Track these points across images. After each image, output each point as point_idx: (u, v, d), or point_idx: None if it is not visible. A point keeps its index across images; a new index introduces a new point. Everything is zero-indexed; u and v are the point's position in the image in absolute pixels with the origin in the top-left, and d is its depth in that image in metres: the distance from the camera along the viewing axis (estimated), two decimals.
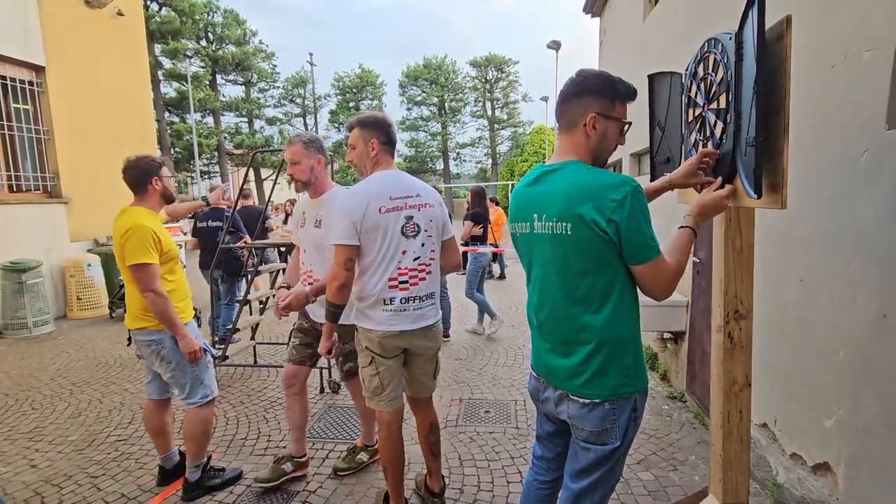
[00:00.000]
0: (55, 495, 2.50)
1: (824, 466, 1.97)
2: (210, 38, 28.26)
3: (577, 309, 1.39)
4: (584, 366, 1.40)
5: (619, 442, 1.41)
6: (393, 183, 2.05)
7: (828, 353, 1.95)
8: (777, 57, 1.29)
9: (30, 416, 3.43)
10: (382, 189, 2.02)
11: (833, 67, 1.91)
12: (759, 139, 1.27)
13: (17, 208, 5.99)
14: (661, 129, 1.99)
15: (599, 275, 1.34)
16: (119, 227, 2.32)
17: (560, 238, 1.35)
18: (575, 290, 1.38)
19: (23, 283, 5.56)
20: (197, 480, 2.46)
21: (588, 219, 1.28)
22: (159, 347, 2.39)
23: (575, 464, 1.49)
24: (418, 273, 2.05)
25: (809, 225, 2.07)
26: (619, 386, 1.39)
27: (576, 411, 1.43)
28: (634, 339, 1.41)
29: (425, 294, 2.07)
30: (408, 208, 2.03)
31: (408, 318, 2.05)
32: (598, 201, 1.27)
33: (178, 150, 25.57)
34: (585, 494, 1.48)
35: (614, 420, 1.40)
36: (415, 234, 2.04)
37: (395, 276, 2.01)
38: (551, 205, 1.36)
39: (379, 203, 1.98)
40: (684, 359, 3.51)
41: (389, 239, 2.00)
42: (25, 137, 6.29)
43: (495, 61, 35.61)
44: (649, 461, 2.72)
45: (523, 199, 1.49)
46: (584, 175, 1.34)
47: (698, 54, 1.62)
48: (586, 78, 1.40)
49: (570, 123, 1.41)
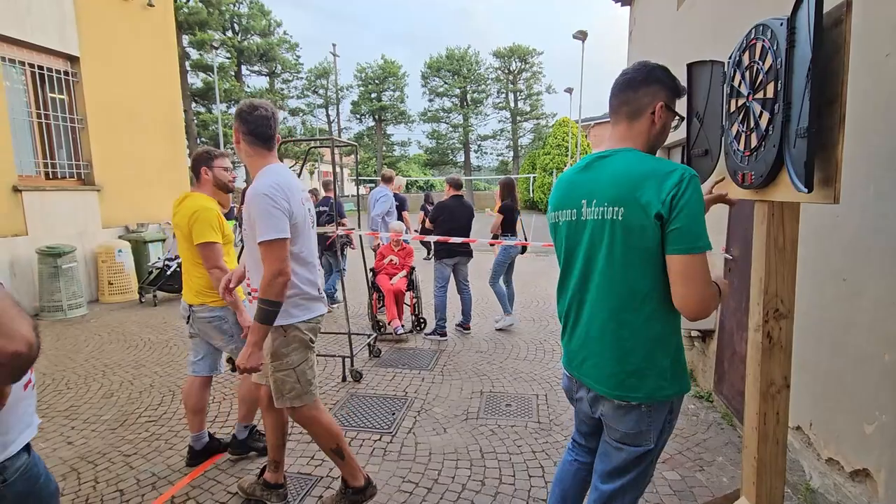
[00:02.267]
0: (90, 472, 2.59)
1: (863, 473, 1.89)
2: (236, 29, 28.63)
3: (618, 303, 1.34)
4: (620, 365, 1.35)
5: (652, 444, 1.38)
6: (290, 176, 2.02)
7: (871, 355, 1.87)
8: (834, 43, 1.22)
9: (65, 395, 3.56)
10: (291, 182, 1.99)
11: (887, 56, 1.81)
12: (812, 130, 1.21)
13: (52, 195, 6.19)
14: (699, 121, 1.91)
15: (645, 266, 1.29)
16: (185, 209, 2.46)
17: (610, 224, 1.30)
18: (618, 281, 1.32)
19: (58, 267, 5.76)
20: (244, 440, 2.70)
21: (643, 202, 1.23)
22: (222, 322, 2.54)
23: (606, 464, 1.47)
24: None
25: (855, 222, 1.98)
26: (657, 389, 1.34)
27: (610, 412, 1.40)
28: (675, 339, 1.36)
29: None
30: (305, 201, 2.09)
31: (322, 304, 2.19)
32: (656, 185, 1.22)
33: (204, 139, 26.09)
34: (615, 496, 1.45)
35: (650, 422, 1.36)
36: (312, 225, 2.14)
37: (315, 263, 2.13)
38: (603, 189, 1.32)
39: (297, 195, 1.98)
40: (712, 358, 3.43)
41: (308, 228, 2.08)
42: (61, 126, 6.48)
43: (519, 52, 35.15)
44: (675, 461, 2.67)
45: (571, 186, 1.45)
46: (643, 160, 1.30)
47: (744, 42, 1.55)
48: (654, 68, 1.38)
49: (636, 111, 1.38)
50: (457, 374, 3.96)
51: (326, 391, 3.61)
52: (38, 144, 6.25)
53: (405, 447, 2.83)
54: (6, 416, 1.02)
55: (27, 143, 6.15)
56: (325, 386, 3.70)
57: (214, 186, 2.64)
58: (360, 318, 5.60)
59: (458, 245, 4.80)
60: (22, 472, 1.06)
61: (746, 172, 1.57)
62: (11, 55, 5.83)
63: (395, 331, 4.80)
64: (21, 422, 1.07)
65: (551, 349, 4.56)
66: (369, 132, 37.13)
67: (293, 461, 2.68)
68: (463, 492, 2.42)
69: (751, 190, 1.59)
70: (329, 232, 5.20)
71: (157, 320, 5.63)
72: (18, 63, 5.95)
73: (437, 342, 4.77)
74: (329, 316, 5.81)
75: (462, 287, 5.06)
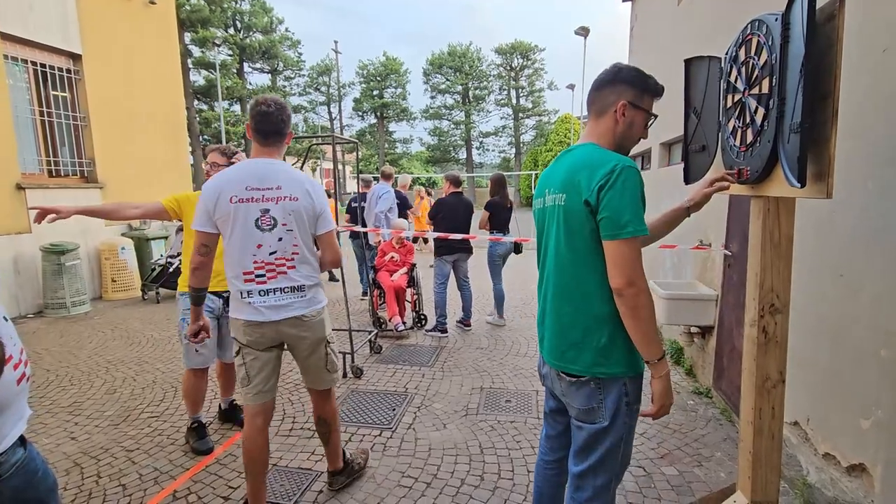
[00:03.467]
0: (93, 467, 2.62)
1: (859, 468, 1.90)
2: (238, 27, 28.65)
3: (562, 281, 1.47)
4: (561, 338, 1.49)
5: (606, 421, 1.44)
6: (255, 173, 1.95)
7: (868, 351, 1.87)
8: (827, 39, 1.22)
9: (69, 391, 3.59)
10: (241, 178, 1.94)
11: (885, 51, 1.81)
12: (805, 125, 1.21)
13: (55, 192, 6.22)
14: (696, 116, 1.92)
15: (582, 249, 1.40)
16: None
17: (558, 209, 1.45)
18: (562, 262, 1.46)
19: (62, 264, 5.80)
20: (226, 409, 3.13)
21: (578, 189, 1.36)
22: None
23: (574, 445, 1.55)
24: (276, 267, 1.97)
25: (853, 218, 1.98)
26: (594, 364, 1.42)
27: (566, 388, 1.51)
28: (613, 320, 1.40)
29: (290, 286, 2.00)
30: (264, 201, 1.93)
31: (270, 310, 1.98)
32: (590, 174, 1.34)
33: (206, 137, 26.14)
34: (586, 477, 1.50)
35: (600, 399, 1.44)
36: (270, 228, 1.94)
37: (251, 269, 1.95)
38: (557, 178, 1.48)
39: (231, 192, 1.91)
40: (711, 354, 3.43)
41: (241, 230, 1.92)
42: (63, 124, 6.51)
43: (521, 48, 35.04)
44: (673, 456, 2.68)
45: (544, 178, 1.61)
46: (593, 152, 1.41)
47: (740, 37, 1.55)
48: (622, 69, 1.47)
49: (601, 109, 1.48)
50: (457, 370, 3.97)
51: None
52: (40, 142, 6.28)
53: (405, 442, 2.85)
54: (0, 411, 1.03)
55: (30, 140, 6.18)
56: None
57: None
58: (362, 314, 5.62)
59: (458, 242, 4.81)
60: (19, 467, 1.07)
61: (742, 168, 1.58)
62: (14, 53, 5.86)
63: (395, 327, 4.82)
64: (14, 415, 1.08)
65: None
66: (371, 129, 37.12)
67: (293, 456, 2.70)
68: (462, 486, 2.43)
69: (747, 185, 1.59)
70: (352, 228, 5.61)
71: (159, 317, 5.67)
72: (21, 61, 5.97)
73: (437, 339, 4.79)
74: (330, 312, 5.82)
75: (462, 284, 5.08)
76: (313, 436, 2.92)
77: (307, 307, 2.05)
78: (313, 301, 2.08)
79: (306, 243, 2.02)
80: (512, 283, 6.70)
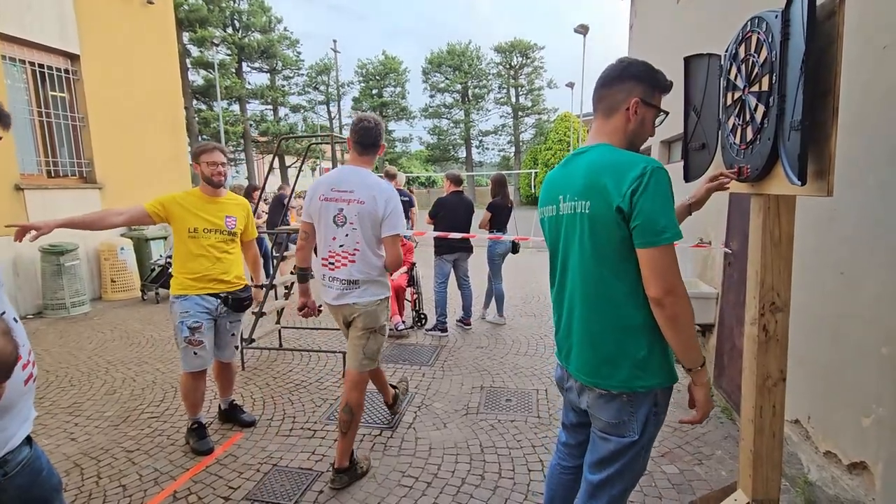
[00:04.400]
0: (93, 468, 2.62)
1: (860, 466, 1.90)
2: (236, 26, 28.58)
3: (590, 293, 1.38)
4: (593, 353, 1.39)
5: (636, 435, 1.38)
6: (340, 177, 2.37)
7: (868, 349, 1.87)
8: (827, 36, 1.21)
9: (69, 392, 3.59)
10: (331, 181, 2.38)
11: (885, 48, 1.80)
12: (805, 123, 1.20)
13: (54, 193, 6.21)
14: (696, 114, 1.91)
15: (613, 258, 1.31)
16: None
17: (580, 217, 1.35)
18: (588, 272, 1.36)
19: (61, 265, 5.79)
20: (226, 409, 3.11)
21: (605, 195, 1.27)
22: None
23: (593, 454, 1.48)
24: (342, 258, 2.35)
25: (853, 215, 1.98)
26: (632, 378, 1.35)
27: (593, 401, 1.43)
28: (649, 329, 1.33)
29: (347, 279, 2.35)
30: (341, 201, 2.33)
31: (330, 295, 2.42)
32: (618, 178, 1.25)
33: (205, 137, 26.10)
34: (604, 487, 1.46)
35: (631, 413, 1.37)
36: (342, 225, 2.33)
37: (327, 256, 2.38)
38: (575, 184, 1.37)
39: (322, 192, 2.36)
40: (712, 352, 3.43)
41: (324, 223, 2.36)
42: (62, 124, 6.50)
43: (520, 47, 34.98)
44: (674, 454, 2.68)
45: (552, 183, 1.51)
46: (611, 153, 1.33)
47: (740, 34, 1.54)
48: (631, 63, 1.40)
49: (611, 107, 1.40)
50: (457, 369, 3.97)
51: (327, 386, 3.63)
52: (39, 143, 6.27)
53: (405, 442, 2.85)
54: (6, 411, 1.03)
55: (29, 141, 6.17)
56: (325, 381, 3.73)
57: (203, 180, 2.77)
58: None
59: (458, 241, 4.80)
60: (24, 466, 1.08)
61: (743, 166, 1.57)
62: (12, 53, 5.84)
63: (395, 326, 4.81)
64: (20, 415, 1.08)
65: (551, 345, 4.57)
66: None
67: (294, 456, 2.70)
68: (462, 486, 2.43)
69: (747, 183, 1.59)
70: None
71: (159, 317, 5.66)
72: (19, 61, 5.96)
73: (437, 338, 4.78)
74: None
75: (462, 283, 5.07)
76: (314, 436, 2.92)
77: (359, 298, 2.38)
78: (366, 293, 2.38)
79: (369, 243, 2.34)
80: (513, 283, 6.71)
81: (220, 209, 2.78)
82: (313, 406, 3.31)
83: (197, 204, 2.73)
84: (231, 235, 2.80)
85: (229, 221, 2.80)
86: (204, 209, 2.73)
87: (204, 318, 2.69)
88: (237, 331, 2.96)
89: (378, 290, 2.41)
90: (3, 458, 1.03)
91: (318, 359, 4.22)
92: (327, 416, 3.15)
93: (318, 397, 3.45)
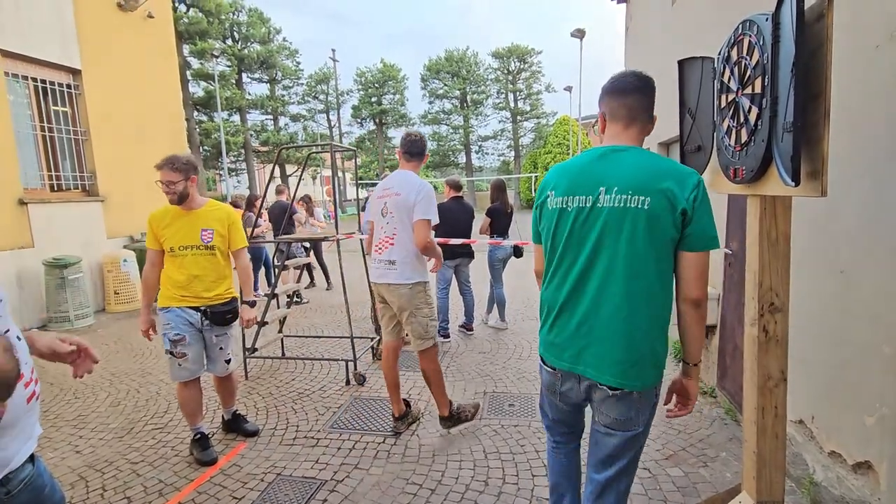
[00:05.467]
0: (98, 480, 2.62)
1: (865, 465, 1.89)
2: (236, 37, 28.80)
3: (637, 289, 1.37)
4: (627, 353, 1.38)
5: (641, 428, 1.46)
6: (390, 180, 2.87)
7: (870, 348, 1.86)
8: (817, 38, 1.23)
9: (73, 405, 3.60)
10: (383, 184, 2.91)
11: (878, 47, 1.81)
12: (798, 125, 1.21)
13: (57, 206, 6.25)
14: (691, 117, 1.92)
15: (664, 256, 1.38)
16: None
17: (635, 212, 1.35)
18: (638, 269, 1.36)
19: (64, 278, 5.82)
20: (230, 420, 3.11)
21: (669, 196, 1.33)
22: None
23: (598, 452, 1.51)
24: (385, 243, 2.83)
25: (851, 213, 1.98)
26: (652, 377, 1.43)
27: (603, 399, 1.45)
28: (667, 329, 1.45)
29: (387, 259, 2.81)
30: (385, 197, 2.83)
31: (374, 274, 2.89)
32: (680, 182, 1.34)
33: (206, 148, 26.25)
34: (611, 485, 1.49)
35: (639, 408, 1.45)
36: (385, 215, 2.83)
37: (378, 242, 2.87)
38: (624, 179, 1.37)
39: (377, 193, 2.93)
40: (715, 353, 3.42)
41: (377, 217, 2.89)
42: (64, 139, 6.56)
43: (518, 52, 35.12)
44: (678, 457, 2.67)
45: (585, 174, 1.46)
46: (660, 157, 1.47)
47: (732, 37, 1.56)
48: (650, 79, 1.52)
49: (636, 114, 1.49)
50: (460, 374, 3.97)
51: (330, 395, 3.63)
52: (42, 157, 6.32)
53: (409, 449, 2.85)
54: (8, 430, 1.03)
55: (32, 156, 6.22)
56: (328, 390, 3.73)
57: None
58: (364, 321, 5.62)
59: (459, 246, 4.81)
60: (26, 483, 1.08)
61: (738, 167, 1.58)
62: (15, 70, 5.90)
63: None
64: (23, 433, 1.08)
65: None
66: (370, 135, 37.20)
67: (298, 465, 2.70)
68: (466, 492, 2.43)
69: (743, 185, 1.60)
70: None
71: None
72: (22, 77, 6.02)
73: (440, 343, 4.78)
74: (331, 320, 5.84)
75: (464, 288, 5.08)
76: (317, 444, 2.92)
77: (396, 278, 2.79)
78: (402, 275, 2.78)
79: (405, 229, 2.76)
80: (514, 287, 6.71)
81: (195, 222, 2.68)
82: (316, 415, 3.31)
83: (170, 219, 2.66)
84: (209, 249, 2.69)
85: (205, 235, 2.68)
86: (177, 224, 2.66)
87: (186, 330, 2.66)
88: (225, 345, 2.84)
89: (411, 274, 2.78)
90: (5, 477, 1.03)
91: (320, 367, 4.22)
92: (331, 425, 3.15)
93: (322, 405, 3.45)
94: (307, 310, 6.40)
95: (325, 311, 6.33)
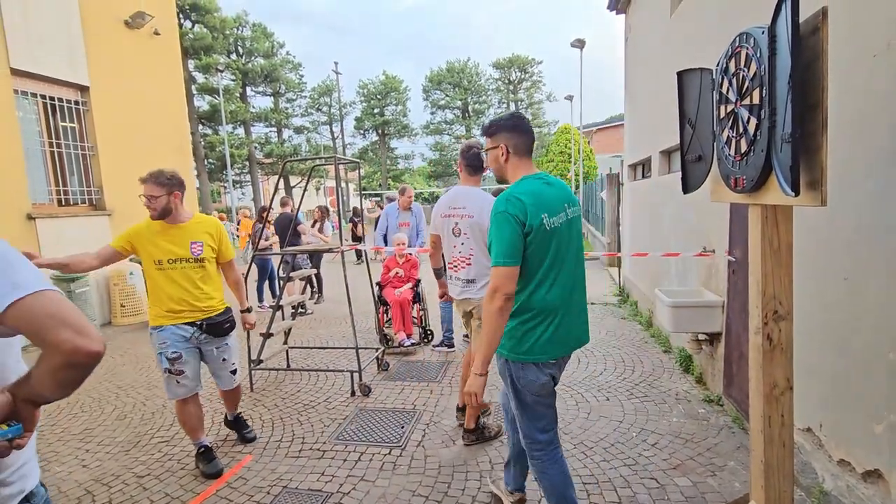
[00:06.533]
0: (105, 494, 2.63)
1: (875, 474, 1.87)
2: (240, 52, 29.20)
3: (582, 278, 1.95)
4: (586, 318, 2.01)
5: None
6: (455, 197, 2.90)
7: (876, 354, 1.86)
8: (813, 51, 1.25)
9: (80, 419, 3.61)
10: (448, 201, 2.92)
11: (875, 57, 1.84)
12: (796, 135, 1.23)
13: (65, 221, 6.32)
14: (691, 127, 1.95)
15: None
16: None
17: (577, 219, 1.90)
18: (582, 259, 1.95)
19: (72, 291, 5.86)
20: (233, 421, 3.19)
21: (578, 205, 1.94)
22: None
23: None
24: (461, 262, 2.87)
25: (854, 220, 1.99)
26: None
27: (563, 364, 2.00)
28: None
29: (465, 278, 2.87)
30: (456, 216, 2.86)
31: (454, 291, 2.94)
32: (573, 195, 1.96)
33: (211, 160, 26.47)
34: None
35: None
36: (458, 235, 2.86)
37: (450, 260, 2.93)
38: (566, 196, 1.88)
39: (442, 210, 2.93)
40: (721, 361, 3.41)
41: (446, 235, 2.92)
42: (72, 154, 6.65)
43: (518, 62, 35.46)
44: (686, 466, 2.65)
45: (552, 197, 1.83)
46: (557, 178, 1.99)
47: (729, 49, 1.58)
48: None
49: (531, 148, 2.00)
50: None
51: (335, 406, 3.63)
52: (50, 172, 6.40)
53: (415, 460, 2.84)
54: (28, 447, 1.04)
55: (40, 171, 6.31)
56: (333, 401, 3.73)
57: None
58: (368, 332, 5.63)
59: None
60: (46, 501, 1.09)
61: (738, 177, 1.60)
62: (24, 87, 6.01)
63: (401, 342, 4.82)
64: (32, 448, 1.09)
65: None
66: (373, 146, 37.49)
67: (304, 478, 2.70)
68: (473, 503, 2.42)
69: (744, 194, 1.61)
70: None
71: None
72: (31, 94, 6.13)
73: (444, 353, 4.78)
74: (336, 331, 5.85)
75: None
76: (323, 456, 2.92)
77: (476, 294, 2.85)
78: (482, 291, 2.78)
79: (481, 248, 2.80)
80: None
81: (184, 235, 2.65)
82: (322, 426, 3.31)
83: (159, 233, 2.62)
84: (199, 262, 2.67)
85: (195, 248, 2.67)
86: (165, 238, 2.62)
87: (182, 346, 2.65)
88: (228, 355, 2.84)
89: None
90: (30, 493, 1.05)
91: (326, 378, 4.22)
92: (336, 437, 3.15)
93: (327, 417, 3.45)
94: (312, 321, 6.41)
95: (330, 322, 6.34)
